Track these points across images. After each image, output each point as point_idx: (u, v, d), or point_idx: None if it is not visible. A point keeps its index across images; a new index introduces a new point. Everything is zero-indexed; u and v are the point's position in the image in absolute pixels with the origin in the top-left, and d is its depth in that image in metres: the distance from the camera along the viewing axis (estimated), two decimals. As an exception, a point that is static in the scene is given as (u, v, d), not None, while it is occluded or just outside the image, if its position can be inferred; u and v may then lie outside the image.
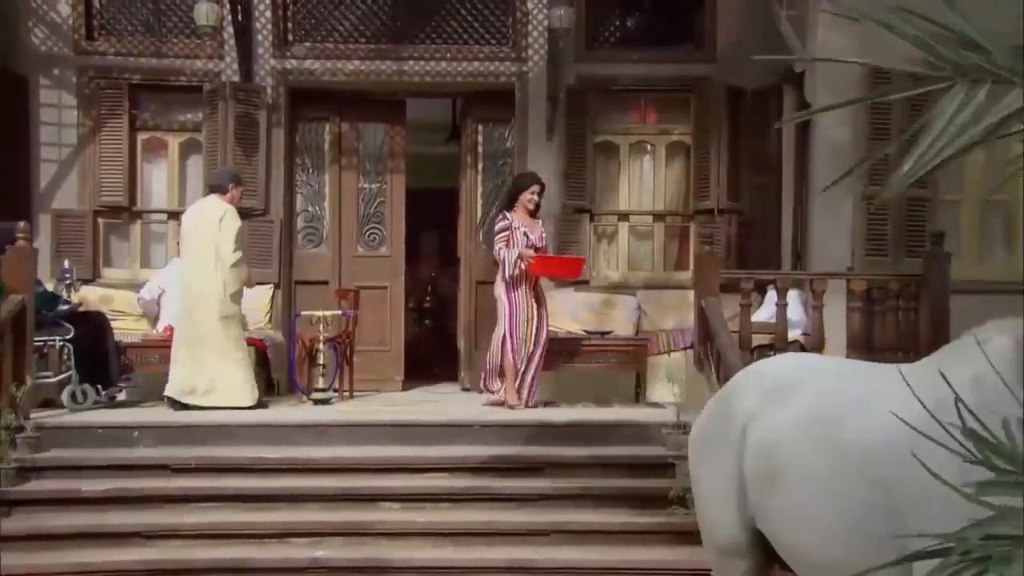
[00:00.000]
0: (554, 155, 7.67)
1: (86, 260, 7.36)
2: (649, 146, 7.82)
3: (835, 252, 6.22)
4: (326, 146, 8.02)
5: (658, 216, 7.80)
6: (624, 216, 7.82)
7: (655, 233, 7.81)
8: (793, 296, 5.77)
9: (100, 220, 7.60)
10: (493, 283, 7.76)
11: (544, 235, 6.40)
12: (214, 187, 6.26)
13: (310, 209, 8.04)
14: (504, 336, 6.10)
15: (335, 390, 6.61)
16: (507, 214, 6.26)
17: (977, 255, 5.59)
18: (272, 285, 7.63)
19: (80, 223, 7.49)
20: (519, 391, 6.05)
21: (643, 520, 4.73)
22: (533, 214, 6.32)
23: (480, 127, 8.02)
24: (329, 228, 8.02)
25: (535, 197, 6.31)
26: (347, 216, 8.05)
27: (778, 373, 2.39)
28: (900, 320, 5.24)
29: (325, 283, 7.82)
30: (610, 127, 7.79)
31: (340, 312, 6.81)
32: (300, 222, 8.02)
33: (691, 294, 7.25)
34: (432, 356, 9.43)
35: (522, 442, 5.33)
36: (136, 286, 7.18)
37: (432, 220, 9.34)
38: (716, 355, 5.14)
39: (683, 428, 5.07)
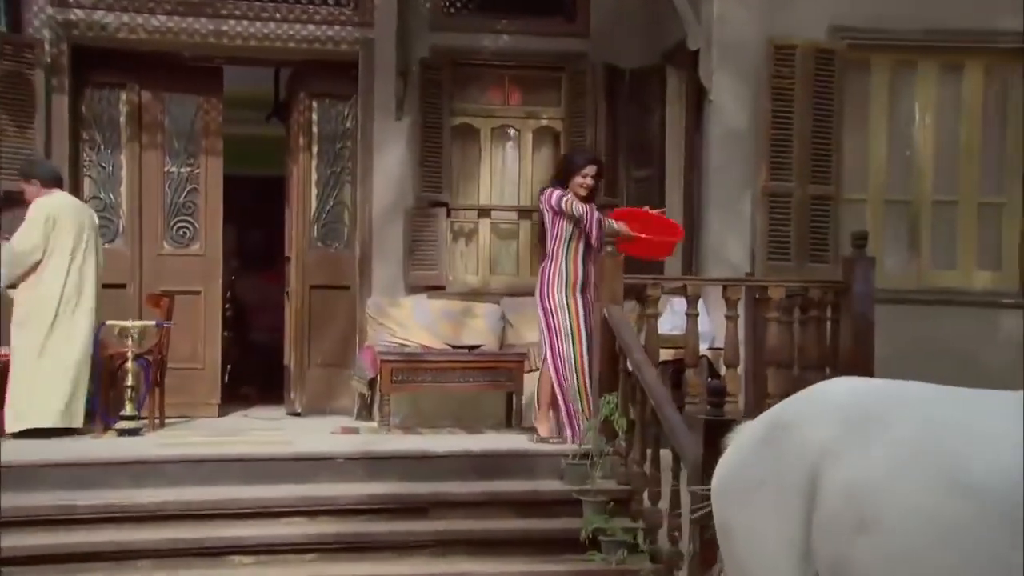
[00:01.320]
0: (405, 138, 7.27)
1: None
2: (513, 131, 7.57)
3: (733, 255, 6.20)
4: (122, 119, 7.23)
5: (524, 212, 7.55)
6: (485, 211, 7.53)
7: (520, 231, 7.57)
8: (698, 305, 5.67)
9: None
10: (330, 287, 7.48)
11: None
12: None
13: (102, 196, 7.22)
14: (549, 364, 5.39)
15: (142, 418, 5.89)
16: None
17: (880, 261, 5.71)
18: None
19: None
20: (568, 421, 5.35)
21: (552, 568, 4.44)
22: (586, 200, 5.53)
23: (315, 103, 7.49)
24: (127, 220, 7.23)
25: (588, 180, 5.44)
26: (150, 206, 7.27)
27: (859, 400, 2.16)
28: (817, 332, 5.25)
29: (123, 286, 7.01)
30: (470, 108, 7.47)
31: (154, 323, 6.08)
32: (90, 211, 7.15)
33: None
34: (245, 375, 8.72)
35: (399, 477, 4.94)
36: None
37: (243, 212, 8.60)
38: (623, 375, 4.94)
39: (588, 459, 4.84)
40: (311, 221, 7.49)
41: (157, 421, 6.09)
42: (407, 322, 7.11)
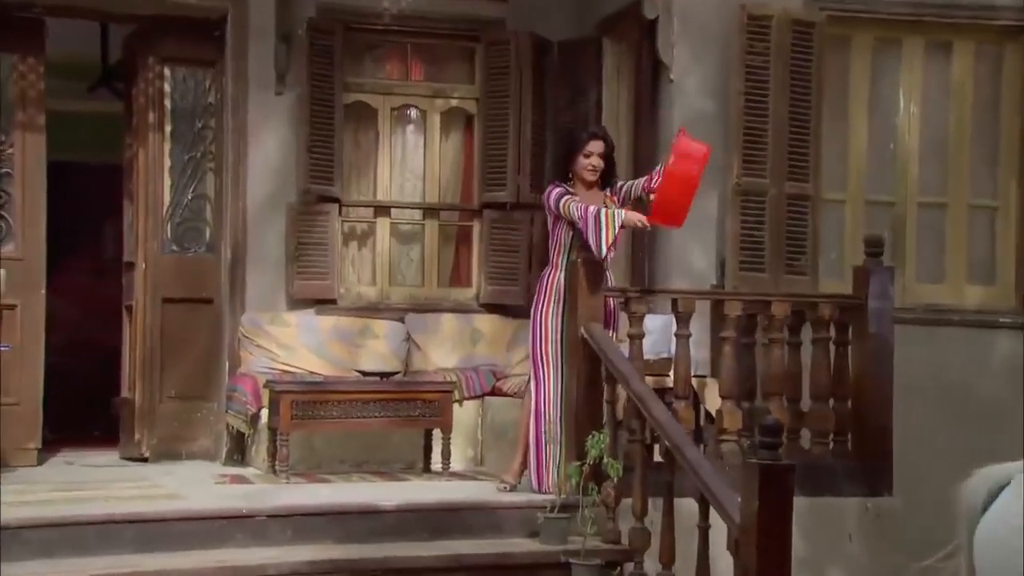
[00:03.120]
0: (287, 117, 6.68)
1: None
2: (417, 112, 7.10)
3: (697, 264, 5.94)
4: None
5: (430, 211, 7.11)
6: (383, 209, 7.04)
7: (426, 234, 7.12)
8: (662, 323, 5.36)
9: None
10: (188, 300, 6.75)
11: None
12: None
13: None
14: (530, 395, 4.99)
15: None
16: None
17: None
18: None
19: None
20: (537, 465, 4.91)
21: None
22: (593, 186, 5.03)
23: (167, 70, 6.78)
24: (-87, 212, 6.23)
25: (594, 160, 5.00)
26: (-54, 195, 6.30)
27: None
28: (822, 357, 5.03)
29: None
30: (366, 84, 6.96)
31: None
32: None
33: (475, 319, 6.83)
34: (59, 410, 7.79)
35: (335, 539, 4.45)
36: None
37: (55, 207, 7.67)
38: (608, 408, 4.55)
39: (569, 512, 4.43)
40: (163, 219, 6.76)
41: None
42: (292, 344, 6.54)
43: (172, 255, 6.75)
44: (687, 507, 4.03)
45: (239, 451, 6.42)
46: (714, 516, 3.76)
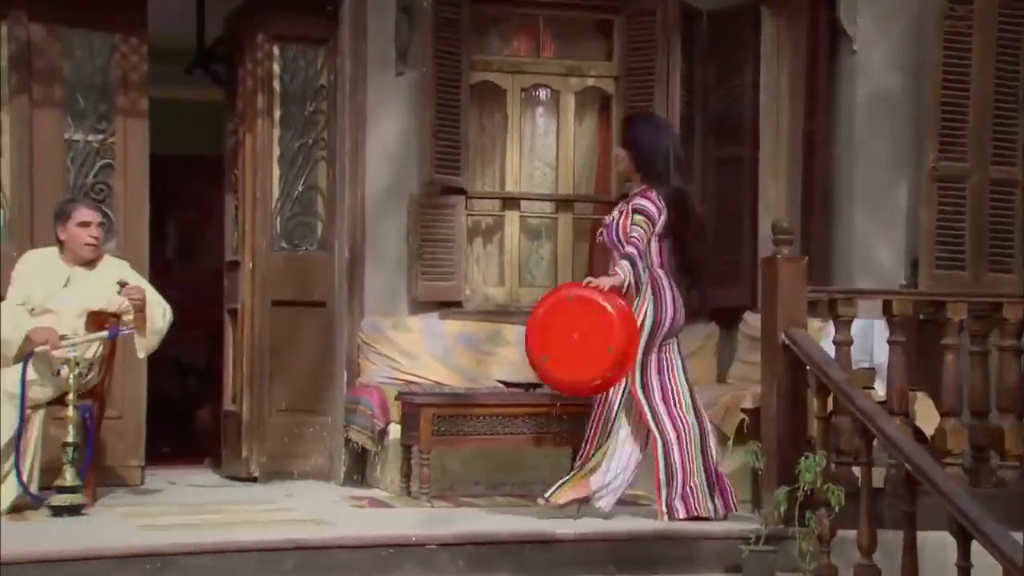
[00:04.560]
0: (408, 99, 6.47)
1: None
2: (547, 93, 6.87)
3: (883, 261, 5.62)
4: (2, 63, 6.13)
5: (563, 203, 6.87)
6: (512, 201, 6.82)
7: (559, 228, 6.88)
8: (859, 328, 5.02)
9: None
10: (299, 303, 6.56)
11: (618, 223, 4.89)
12: None
13: (-26, 173, 6.08)
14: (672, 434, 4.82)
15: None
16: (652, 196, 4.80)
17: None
18: None
19: None
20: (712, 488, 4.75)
21: None
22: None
23: (277, 49, 6.56)
24: (13, 209, 6.12)
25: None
26: (43, 188, 6.16)
27: None
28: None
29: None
30: (493, 61, 6.74)
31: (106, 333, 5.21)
32: (-45, 195, 6.08)
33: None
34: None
35: (510, 570, 4.30)
36: None
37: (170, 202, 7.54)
38: (821, 425, 4.23)
39: (772, 544, 4.15)
40: (272, 213, 6.55)
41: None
42: (415, 351, 6.35)
43: (281, 253, 6.54)
44: (930, 542, 3.74)
45: (359, 470, 6.23)
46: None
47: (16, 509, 4.90)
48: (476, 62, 6.62)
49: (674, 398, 4.75)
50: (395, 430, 5.76)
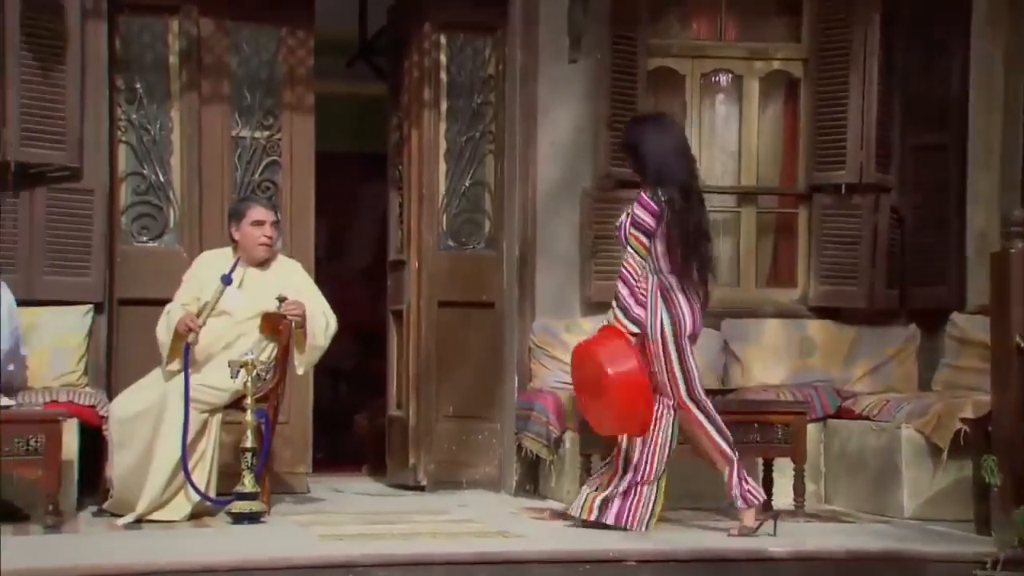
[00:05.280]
0: (581, 88, 6.35)
1: None
2: (729, 78, 6.67)
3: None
4: (172, 59, 6.24)
5: (746, 196, 6.65)
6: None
7: (741, 223, 6.67)
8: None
9: None
10: (467, 304, 6.51)
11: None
12: None
13: (145, 172, 6.21)
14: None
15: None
16: (646, 201, 4.78)
17: None
18: (90, 307, 5.86)
19: None
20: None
21: None
22: None
23: (444, 39, 6.51)
24: (182, 207, 6.21)
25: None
26: (211, 186, 6.27)
27: None
28: None
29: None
30: (672, 46, 6.55)
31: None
32: (127, 194, 6.21)
33: (805, 325, 6.33)
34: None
35: None
36: None
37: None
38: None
39: (1014, 569, 3.84)
40: (438, 210, 6.49)
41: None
42: (587, 353, 6.14)
43: (448, 252, 6.49)
44: None
45: (531, 480, 6.14)
46: None
47: (195, 516, 4.95)
48: (653, 47, 6.45)
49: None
50: (572, 438, 5.62)
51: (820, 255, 6.41)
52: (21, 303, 5.39)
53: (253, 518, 4.85)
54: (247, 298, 5.27)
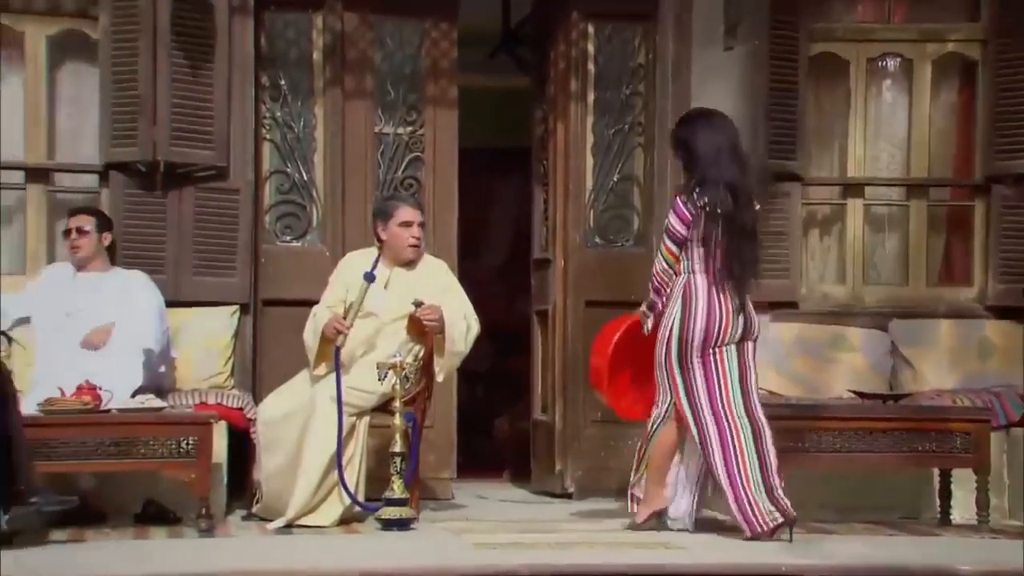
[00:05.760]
0: (736, 77, 6.20)
1: None
2: (897, 63, 6.45)
3: None
4: (315, 55, 6.27)
5: (915, 188, 6.42)
6: (855, 188, 6.44)
7: (910, 217, 6.44)
8: None
9: None
10: (615, 303, 6.34)
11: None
12: None
13: (288, 170, 6.24)
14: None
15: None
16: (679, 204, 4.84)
17: None
18: (236, 307, 5.92)
19: None
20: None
21: None
22: None
23: (592, 28, 6.44)
24: (325, 206, 6.23)
25: None
26: (354, 185, 6.28)
27: None
28: None
29: (314, 304, 5.86)
30: (836, 30, 6.37)
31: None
32: (271, 193, 6.24)
33: (982, 326, 6.07)
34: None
35: None
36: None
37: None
38: None
39: None
40: (585, 206, 6.41)
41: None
42: (747, 357, 5.99)
43: (595, 249, 6.42)
44: None
45: None
46: None
47: (343, 521, 4.96)
48: (815, 31, 6.28)
49: (724, 408, 4.70)
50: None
51: (999, 250, 6.16)
52: (168, 304, 5.48)
53: (403, 524, 4.82)
54: (394, 299, 5.24)
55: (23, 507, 4.25)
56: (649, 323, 4.83)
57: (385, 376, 4.88)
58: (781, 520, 4.55)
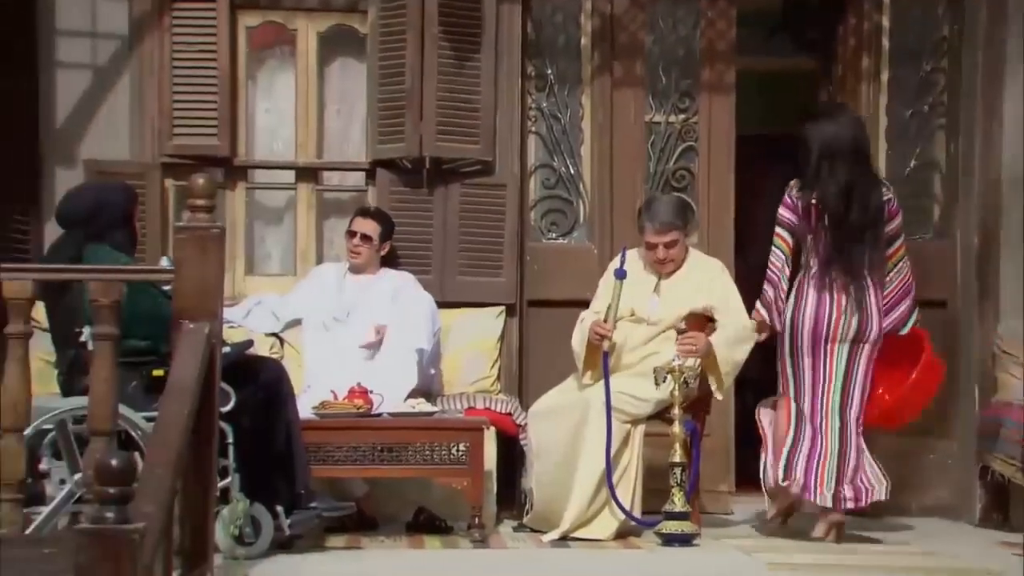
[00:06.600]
0: None
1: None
2: None
3: None
4: (583, 40, 6.20)
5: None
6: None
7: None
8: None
9: (170, 181, 5.91)
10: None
11: None
12: None
13: (555, 164, 6.19)
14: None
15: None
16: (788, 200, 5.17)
17: None
18: (502, 308, 5.91)
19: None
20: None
21: None
22: None
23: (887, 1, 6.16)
24: (593, 201, 6.14)
25: None
26: (623, 178, 6.16)
27: None
28: None
29: (580, 304, 5.80)
30: None
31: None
32: (536, 187, 6.21)
33: None
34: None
35: None
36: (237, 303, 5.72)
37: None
38: None
39: None
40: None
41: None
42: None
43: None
44: None
45: (1000, 508, 5.68)
46: None
47: (620, 535, 4.86)
48: None
49: (821, 409, 5.01)
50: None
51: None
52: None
53: (685, 540, 4.70)
54: (664, 305, 5.12)
55: (303, 511, 4.36)
56: (763, 314, 5.08)
57: (664, 380, 4.74)
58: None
